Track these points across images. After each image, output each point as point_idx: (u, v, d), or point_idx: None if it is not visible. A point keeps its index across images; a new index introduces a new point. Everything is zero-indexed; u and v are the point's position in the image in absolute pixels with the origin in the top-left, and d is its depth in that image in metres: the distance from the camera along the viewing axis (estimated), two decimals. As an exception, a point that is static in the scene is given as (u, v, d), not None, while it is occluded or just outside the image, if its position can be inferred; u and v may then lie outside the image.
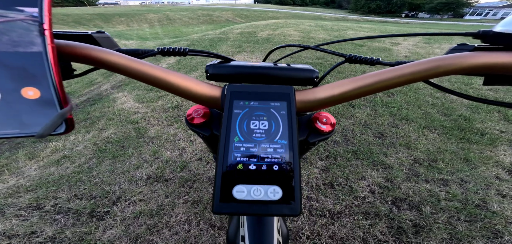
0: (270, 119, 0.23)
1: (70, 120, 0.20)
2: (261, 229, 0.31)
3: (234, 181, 0.20)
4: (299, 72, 0.28)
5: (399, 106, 2.09)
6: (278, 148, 0.21)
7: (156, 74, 0.24)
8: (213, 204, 0.19)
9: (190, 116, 0.28)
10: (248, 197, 0.19)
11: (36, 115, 0.18)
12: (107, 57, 0.23)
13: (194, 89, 0.25)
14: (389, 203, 1.21)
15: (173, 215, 1.16)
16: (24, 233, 1.07)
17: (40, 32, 0.18)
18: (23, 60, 0.17)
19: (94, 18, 15.52)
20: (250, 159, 0.21)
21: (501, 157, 1.50)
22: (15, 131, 0.18)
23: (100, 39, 0.29)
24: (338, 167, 1.44)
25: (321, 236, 1.06)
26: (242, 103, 0.24)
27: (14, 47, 0.17)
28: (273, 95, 0.24)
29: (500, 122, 1.86)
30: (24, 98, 0.18)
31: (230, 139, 0.22)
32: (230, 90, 0.24)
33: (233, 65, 0.29)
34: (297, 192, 0.19)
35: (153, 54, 0.29)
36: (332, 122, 0.29)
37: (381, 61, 0.28)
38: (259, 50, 3.86)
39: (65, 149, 1.64)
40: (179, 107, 2.13)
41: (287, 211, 0.19)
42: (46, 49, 0.18)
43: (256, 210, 0.19)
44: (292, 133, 0.22)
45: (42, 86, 0.18)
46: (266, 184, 0.20)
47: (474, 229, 1.07)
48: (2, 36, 0.17)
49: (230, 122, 0.22)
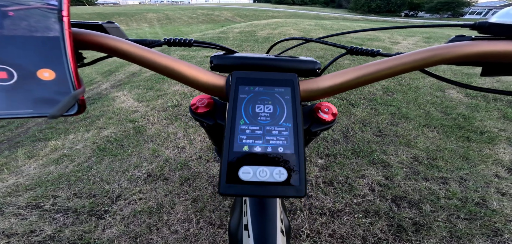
0: (274, 104, 0.23)
1: (82, 101, 0.20)
2: (264, 217, 0.31)
3: (240, 163, 0.20)
4: (302, 63, 0.28)
5: (398, 105, 2.09)
6: (283, 130, 0.21)
7: (165, 63, 0.25)
8: (219, 185, 0.19)
9: (195, 105, 0.29)
10: (254, 178, 0.19)
11: (50, 96, 0.19)
12: (119, 46, 0.24)
13: (200, 77, 0.26)
14: (389, 201, 1.21)
15: (173, 213, 1.15)
16: (23, 232, 1.06)
17: (58, 18, 0.18)
18: (40, 44, 0.18)
19: (93, 18, 15.49)
20: (256, 141, 0.21)
21: (501, 155, 1.50)
22: (29, 110, 0.19)
23: (110, 29, 0.29)
24: (338, 165, 1.44)
25: (321, 234, 1.06)
26: (247, 88, 0.24)
27: (32, 32, 0.18)
28: (277, 81, 0.25)
29: (499, 120, 1.86)
30: (39, 79, 0.19)
31: (235, 122, 0.22)
32: (235, 76, 0.25)
33: (237, 56, 0.29)
34: (302, 174, 0.20)
35: (160, 45, 0.30)
36: (333, 112, 0.29)
37: (381, 52, 0.28)
38: (259, 49, 3.85)
39: (64, 147, 1.64)
40: (179, 106, 2.13)
41: (292, 192, 0.19)
42: (64, 34, 0.18)
43: (262, 192, 0.19)
44: (296, 117, 0.22)
45: (58, 68, 0.19)
46: (272, 166, 0.20)
47: (474, 227, 1.07)
48: (21, 22, 0.18)
49: (236, 106, 0.23)
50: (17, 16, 0.18)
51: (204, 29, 11.19)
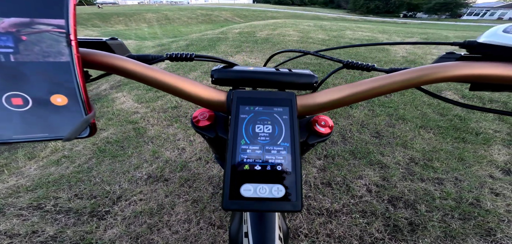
0: (273, 124, 0.24)
1: (93, 125, 0.22)
2: (263, 226, 0.33)
3: (242, 180, 0.21)
4: (299, 77, 0.30)
5: (396, 106, 2.12)
6: (281, 150, 0.23)
7: (167, 81, 0.26)
8: (222, 201, 0.21)
9: (196, 119, 0.30)
10: (255, 195, 0.21)
11: (64, 120, 0.20)
12: (122, 65, 0.25)
13: (201, 94, 0.27)
14: (386, 201, 1.24)
15: (173, 214, 1.17)
16: (25, 232, 1.07)
17: (67, 43, 0.19)
18: (52, 69, 0.19)
19: (92, 18, 15.43)
20: (256, 160, 0.22)
21: (495, 156, 1.53)
22: (45, 134, 0.20)
23: (113, 46, 0.30)
24: (336, 166, 1.46)
25: (319, 234, 1.08)
26: (248, 108, 0.25)
27: (45, 58, 0.19)
28: (276, 101, 0.26)
29: (494, 122, 1.89)
30: (53, 105, 0.20)
31: (237, 142, 0.23)
32: (236, 95, 0.26)
33: (237, 70, 0.30)
34: (298, 190, 0.21)
35: (162, 60, 0.31)
36: (330, 125, 0.30)
37: (376, 67, 0.29)
38: (258, 50, 3.87)
39: (64, 149, 1.65)
40: (179, 107, 2.14)
41: (290, 207, 0.21)
42: (73, 59, 0.19)
43: (262, 207, 0.21)
44: (294, 136, 0.24)
45: (70, 94, 0.20)
46: (271, 183, 0.21)
47: (468, 227, 1.10)
48: (34, 47, 0.19)
49: (237, 126, 0.24)
50: (30, 41, 0.19)
51: (203, 30, 11.19)
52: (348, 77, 2.70)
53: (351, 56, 3.55)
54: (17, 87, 0.19)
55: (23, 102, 0.19)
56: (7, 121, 0.19)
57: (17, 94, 0.19)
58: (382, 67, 0.29)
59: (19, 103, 0.19)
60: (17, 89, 0.19)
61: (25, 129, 0.19)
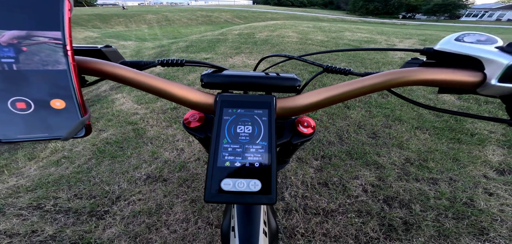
0: (253, 124, 0.27)
1: (89, 126, 0.24)
2: (248, 221, 0.35)
3: (223, 176, 0.24)
4: (283, 80, 0.32)
5: (392, 107, 2.14)
6: (259, 148, 0.25)
7: (157, 85, 0.28)
8: (205, 194, 0.23)
9: (187, 120, 0.32)
10: (233, 189, 0.23)
11: (62, 122, 0.22)
12: (115, 71, 0.27)
13: (190, 97, 0.29)
14: (381, 201, 1.25)
15: (172, 213, 1.19)
16: (25, 232, 1.09)
17: (64, 53, 0.21)
18: (51, 77, 0.22)
19: (92, 19, 15.46)
20: (236, 157, 0.25)
21: (489, 157, 1.55)
22: (45, 134, 0.22)
23: (108, 53, 0.32)
24: (332, 166, 1.48)
25: (315, 234, 1.10)
26: (230, 110, 0.28)
27: (44, 66, 0.21)
28: (257, 103, 0.28)
29: (489, 123, 1.92)
30: (52, 108, 0.22)
31: (219, 141, 0.25)
32: (221, 99, 0.28)
33: (225, 75, 0.32)
34: (273, 185, 0.23)
35: (154, 65, 0.32)
36: (312, 125, 0.33)
37: (352, 71, 0.32)
38: (257, 51, 3.90)
39: (64, 149, 1.67)
40: (178, 109, 2.16)
41: (265, 200, 0.23)
42: (69, 67, 0.22)
43: (240, 199, 0.23)
44: (271, 136, 0.26)
45: (67, 99, 0.22)
46: (249, 178, 0.24)
47: (461, 226, 1.12)
48: (34, 56, 0.21)
49: (220, 127, 0.26)
50: (30, 51, 0.21)
51: (203, 31, 11.22)
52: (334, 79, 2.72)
53: (350, 58, 3.57)
54: (21, 92, 0.21)
55: (26, 106, 0.21)
56: (12, 123, 0.21)
57: (21, 99, 0.21)
58: (358, 72, 0.31)
59: (22, 107, 0.21)
60: (21, 95, 0.21)
61: (28, 130, 0.22)
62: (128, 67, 0.28)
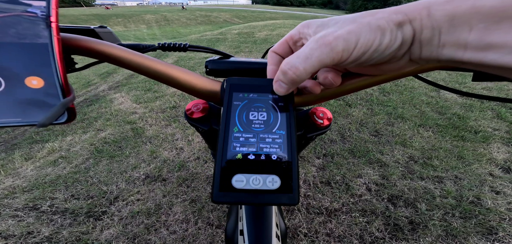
0: (268, 111, 0.23)
1: (72, 110, 0.20)
2: (260, 223, 0.32)
3: (234, 171, 0.20)
4: None
5: (394, 105, 2.11)
6: (276, 138, 0.21)
7: (157, 68, 0.25)
8: (212, 193, 0.19)
9: (190, 110, 0.29)
10: (247, 186, 0.19)
11: (39, 105, 0.18)
12: (110, 51, 0.24)
13: (194, 83, 0.26)
14: (385, 200, 1.23)
15: (171, 214, 1.16)
16: (21, 233, 1.06)
17: (47, 25, 0.18)
18: (28, 51, 0.18)
19: (91, 19, 15.43)
20: (249, 149, 0.21)
21: (495, 154, 1.53)
22: (17, 119, 0.18)
23: (102, 34, 0.29)
24: (335, 165, 1.45)
25: (319, 234, 1.07)
26: (241, 95, 0.24)
27: (21, 39, 0.18)
28: (271, 87, 0.24)
29: (493, 120, 1.89)
30: (27, 87, 0.18)
31: (229, 130, 0.21)
32: (229, 82, 0.25)
33: (232, 61, 0.29)
34: (295, 182, 0.19)
35: (154, 49, 0.29)
36: (328, 117, 0.29)
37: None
38: (257, 51, 3.87)
39: (61, 149, 1.63)
40: (177, 108, 2.13)
41: (286, 200, 0.19)
42: (52, 41, 0.18)
43: (255, 199, 0.19)
44: (290, 124, 0.22)
45: (46, 76, 0.18)
46: (265, 173, 0.19)
47: (469, 225, 1.09)
48: (10, 29, 0.18)
49: (230, 113, 0.22)
50: (4, 22, 0.17)
51: (202, 30, 11.20)
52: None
53: None
54: None
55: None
56: None
57: None
58: None
59: None
60: None
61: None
62: (125, 48, 0.25)
